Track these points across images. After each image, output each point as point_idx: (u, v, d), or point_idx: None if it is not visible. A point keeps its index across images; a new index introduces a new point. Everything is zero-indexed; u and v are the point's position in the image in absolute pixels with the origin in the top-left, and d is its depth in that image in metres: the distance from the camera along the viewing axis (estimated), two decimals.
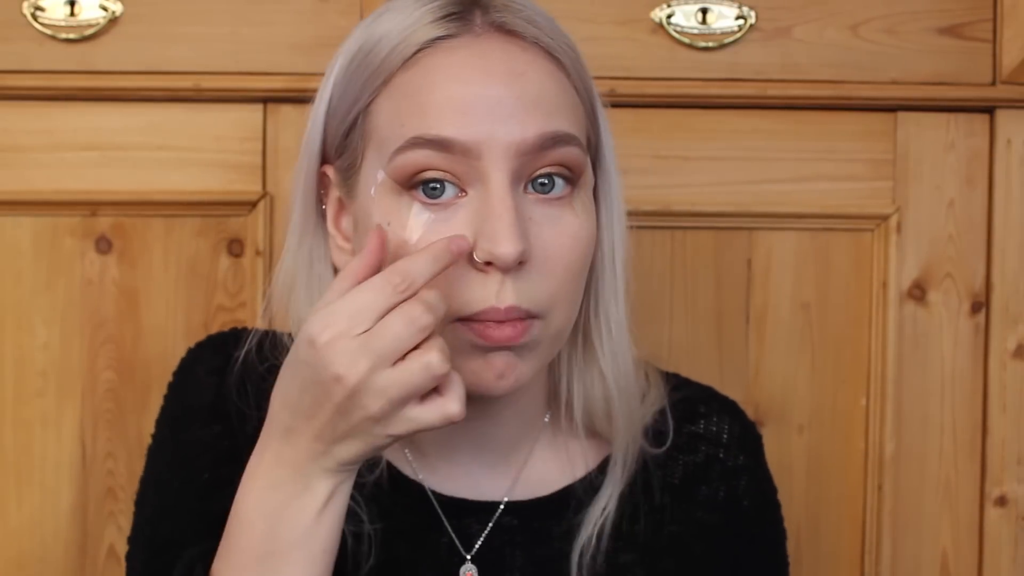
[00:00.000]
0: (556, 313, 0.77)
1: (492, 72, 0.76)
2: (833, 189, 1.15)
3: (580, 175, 0.78)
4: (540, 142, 0.75)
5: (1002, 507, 1.16)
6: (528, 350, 0.77)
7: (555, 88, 0.77)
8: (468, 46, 0.77)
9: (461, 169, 0.75)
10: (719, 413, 0.93)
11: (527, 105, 0.75)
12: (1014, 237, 1.15)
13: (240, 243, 1.12)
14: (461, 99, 0.75)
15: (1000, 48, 1.13)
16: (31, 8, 1.09)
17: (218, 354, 0.88)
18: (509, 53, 0.77)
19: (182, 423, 0.86)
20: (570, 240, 0.77)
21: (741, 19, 1.12)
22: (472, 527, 0.85)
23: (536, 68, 0.77)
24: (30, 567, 1.12)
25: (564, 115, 0.77)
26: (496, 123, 0.74)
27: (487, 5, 0.78)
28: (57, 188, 1.11)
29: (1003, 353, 1.15)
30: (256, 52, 1.11)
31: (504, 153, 0.74)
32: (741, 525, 0.91)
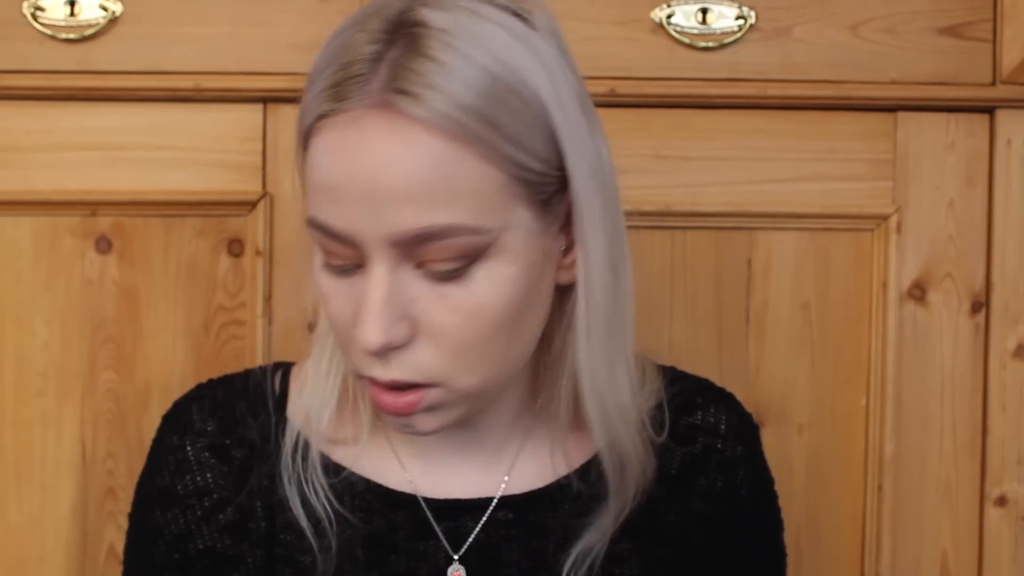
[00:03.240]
0: (457, 379, 0.76)
1: (365, 158, 0.71)
2: (833, 189, 1.15)
3: (481, 251, 0.73)
4: (413, 238, 0.72)
5: (1002, 507, 1.16)
6: (435, 410, 0.77)
7: (439, 175, 0.71)
8: (352, 124, 0.72)
9: (350, 252, 0.74)
10: (716, 404, 0.93)
11: (398, 197, 0.71)
12: (1014, 237, 1.15)
13: (240, 243, 1.12)
14: (335, 187, 0.73)
15: (1000, 48, 1.13)
16: (31, 8, 1.09)
17: (174, 432, 0.89)
18: (388, 137, 0.71)
19: (146, 502, 0.89)
20: (463, 317, 0.74)
21: (741, 19, 1.12)
22: (468, 525, 0.85)
23: (416, 155, 0.71)
24: (30, 567, 1.12)
25: (448, 203, 0.72)
26: (369, 214, 0.72)
27: (389, 69, 0.72)
28: (57, 188, 1.11)
29: (1003, 353, 1.15)
30: (256, 52, 1.11)
31: (379, 244, 0.72)
32: (739, 515, 0.91)
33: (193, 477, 0.87)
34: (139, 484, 0.91)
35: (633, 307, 0.84)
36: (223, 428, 0.88)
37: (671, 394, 0.91)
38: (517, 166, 0.74)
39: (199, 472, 0.87)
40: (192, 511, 0.86)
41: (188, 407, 0.89)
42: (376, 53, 0.72)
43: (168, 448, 0.88)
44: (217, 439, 0.87)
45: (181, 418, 0.89)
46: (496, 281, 0.75)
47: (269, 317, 1.12)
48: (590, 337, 0.80)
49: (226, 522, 0.86)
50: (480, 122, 0.72)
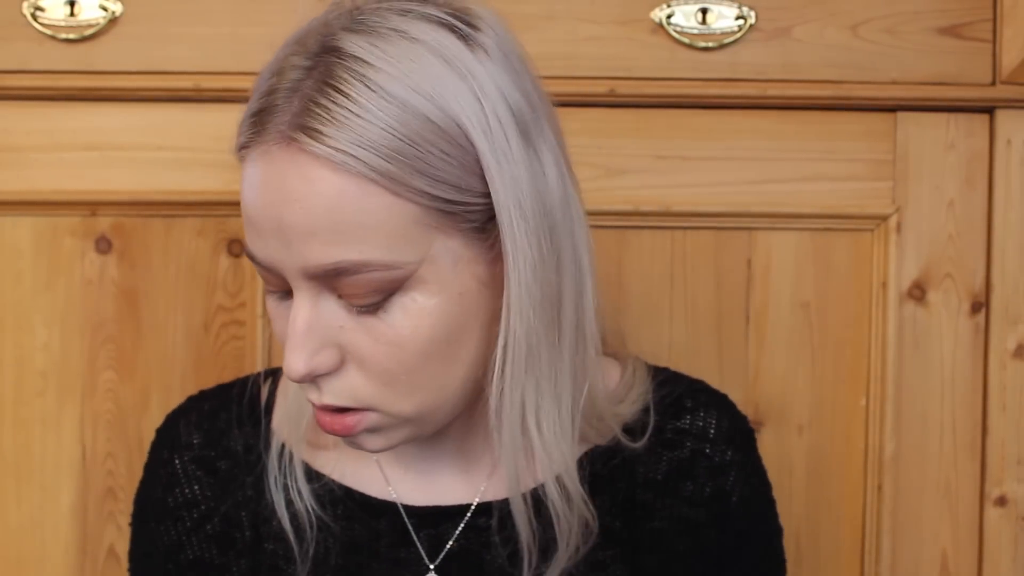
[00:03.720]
0: (393, 404, 0.75)
1: (273, 193, 0.71)
2: (833, 189, 1.15)
3: (396, 284, 0.72)
4: (323, 272, 0.71)
5: (1002, 507, 1.16)
6: (375, 432, 0.77)
7: (340, 212, 0.70)
8: (264, 156, 0.72)
9: (277, 279, 0.75)
10: (706, 407, 0.90)
11: (301, 234, 0.70)
12: (1014, 237, 1.15)
13: (240, 243, 1.12)
14: (252, 218, 0.73)
15: (1000, 48, 1.13)
16: (31, 8, 1.09)
17: (163, 447, 0.90)
18: (288, 173, 0.70)
19: (144, 514, 0.90)
20: (386, 347, 0.73)
21: (741, 19, 1.12)
22: (448, 532, 0.85)
23: (317, 191, 0.70)
24: (30, 567, 1.12)
25: (354, 240, 0.70)
26: (281, 247, 0.72)
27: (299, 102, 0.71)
28: (57, 188, 1.11)
29: (1003, 353, 1.15)
30: (256, 52, 1.10)
31: (296, 274, 0.72)
32: (729, 521, 0.89)
33: (182, 490, 0.88)
34: (137, 496, 0.92)
35: (591, 336, 0.80)
36: (208, 440, 0.89)
37: (659, 396, 0.90)
38: (432, 198, 0.71)
39: (187, 485, 0.88)
40: (182, 523, 0.88)
41: (177, 421, 0.91)
42: (295, 82, 0.71)
43: (159, 462, 0.90)
44: (202, 451, 0.88)
45: (170, 432, 0.90)
46: (416, 313, 0.73)
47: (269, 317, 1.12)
48: (503, 377, 0.76)
49: (213, 532, 0.87)
50: (387, 159, 0.70)
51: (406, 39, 0.72)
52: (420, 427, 0.78)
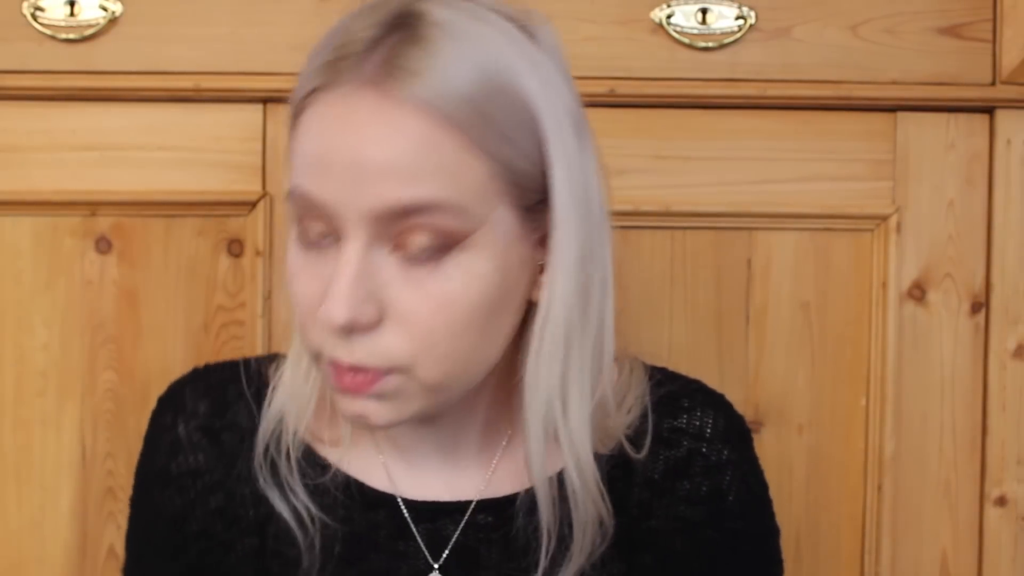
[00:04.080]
0: (421, 368, 0.75)
1: (352, 131, 0.72)
2: (833, 189, 1.15)
3: (460, 237, 0.74)
4: (394, 211, 0.72)
5: (1002, 507, 1.16)
6: (389, 399, 0.76)
7: (425, 152, 0.72)
8: (340, 99, 0.73)
9: (328, 224, 0.75)
10: (703, 407, 0.91)
11: (383, 170, 0.72)
12: (1014, 237, 1.15)
13: (240, 243, 1.12)
14: (320, 157, 0.73)
15: (1000, 48, 1.13)
16: (31, 8, 1.09)
17: (167, 412, 0.89)
18: (376, 112, 0.72)
19: (145, 486, 0.89)
20: (434, 305, 0.74)
21: (741, 19, 1.12)
22: (447, 528, 0.85)
23: (404, 131, 0.72)
24: (30, 567, 1.12)
25: (433, 181, 0.72)
26: (350, 187, 0.72)
27: (386, 51, 0.73)
28: (57, 188, 1.11)
29: (1003, 353, 1.15)
30: (256, 52, 1.11)
31: (357, 218, 0.73)
32: (726, 520, 0.89)
33: (186, 457, 0.87)
34: (138, 467, 0.91)
35: (609, 337, 0.82)
36: (214, 410, 0.88)
37: (656, 397, 0.90)
38: (502, 162, 0.74)
39: (191, 453, 0.87)
40: (186, 492, 0.87)
41: (182, 389, 0.90)
42: (374, 38, 0.74)
43: (162, 428, 0.88)
44: (208, 420, 0.88)
45: (174, 399, 0.89)
46: (471, 274, 0.74)
47: (269, 317, 1.12)
48: (540, 356, 0.78)
49: (216, 506, 0.87)
50: (468, 111, 0.73)
51: (481, 20, 0.75)
52: (433, 401, 0.78)
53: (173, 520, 0.87)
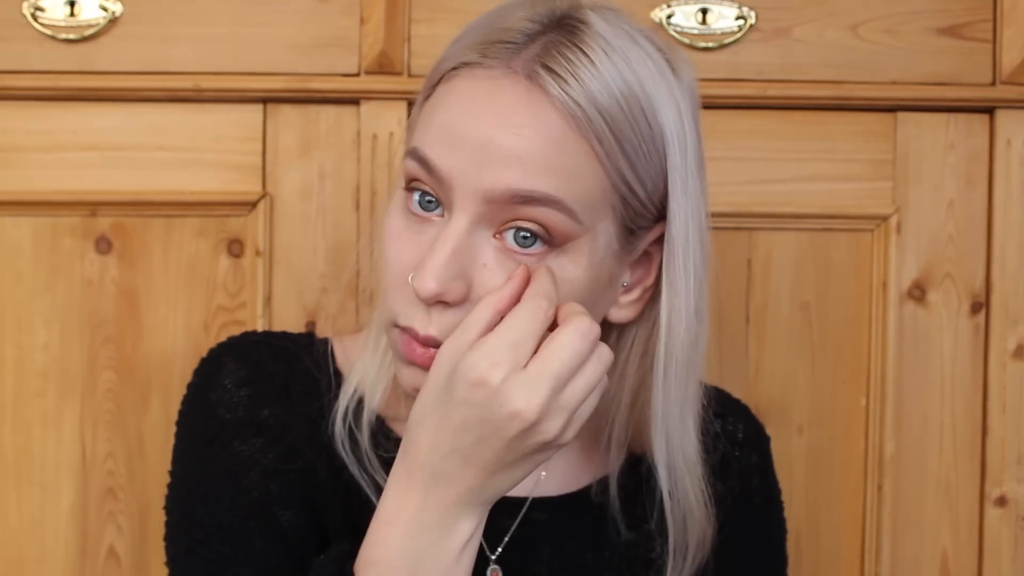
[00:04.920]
0: None
1: (492, 114, 0.74)
2: (833, 189, 1.15)
3: (564, 240, 0.75)
4: (511, 196, 0.73)
5: (1002, 507, 1.16)
6: None
7: (556, 150, 0.74)
8: (489, 79, 0.75)
9: (441, 193, 0.76)
10: (734, 413, 0.95)
11: (511, 157, 0.73)
12: (1014, 237, 1.15)
13: (240, 243, 1.12)
14: (453, 129, 0.75)
15: (1000, 48, 1.13)
16: (31, 8, 1.09)
17: (242, 364, 0.86)
18: (520, 101, 0.74)
19: (221, 438, 0.84)
20: None
21: (741, 19, 1.12)
22: (502, 523, 0.86)
23: (541, 125, 0.74)
24: (30, 567, 1.12)
25: (555, 177, 0.74)
26: (474, 164, 0.74)
27: (542, 47, 0.75)
28: (57, 188, 1.11)
29: (1003, 353, 1.15)
30: (256, 52, 1.11)
31: (472, 195, 0.74)
32: (750, 522, 0.93)
33: (273, 410, 0.84)
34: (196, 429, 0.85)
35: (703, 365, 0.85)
36: (292, 376, 0.86)
37: None
38: (620, 181, 0.76)
39: (276, 406, 0.84)
40: (278, 444, 0.83)
41: (255, 346, 0.87)
42: (534, 31, 0.76)
43: (238, 381, 0.85)
44: (287, 382, 0.85)
45: (249, 355, 0.87)
46: (561, 278, 0.76)
47: (269, 317, 1.12)
48: (666, 385, 0.81)
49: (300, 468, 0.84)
50: (605, 124, 0.75)
51: (636, 43, 0.78)
52: None
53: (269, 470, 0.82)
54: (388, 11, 1.10)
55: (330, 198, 1.12)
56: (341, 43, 1.11)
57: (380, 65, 1.10)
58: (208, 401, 0.85)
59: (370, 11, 1.10)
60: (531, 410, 0.69)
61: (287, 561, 0.81)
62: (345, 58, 1.11)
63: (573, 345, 0.70)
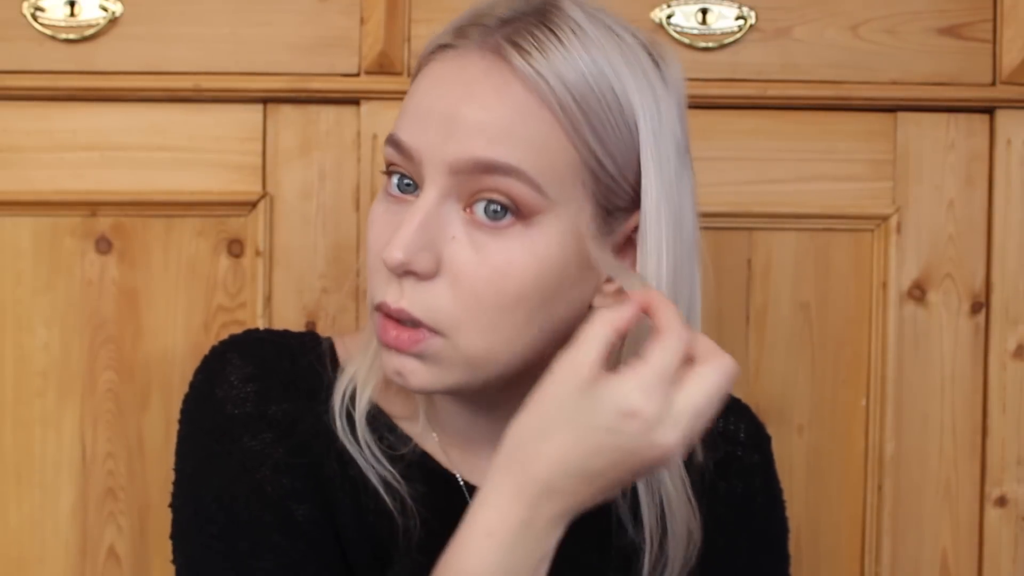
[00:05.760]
0: (463, 336, 0.76)
1: (457, 88, 0.76)
2: (833, 189, 1.15)
3: (531, 212, 0.75)
4: (474, 165, 0.75)
5: (1002, 507, 1.16)
6: (429, 361, 0.77)
7: (519, 121, 0.75)
8: (457, 58, 0.78)
9: (413, 170, 0.78)
10: (735, 413, 0.95)
11: (474, 127, 0.75)
12: (1014, 237, 1.15)
13: (240, 243, 1.12)
14: (421, 106, 0.77)
15: (1000, 48, 1.13)
16: (31, 8, 1.09)
17: (248, 360, 0.85)
18: (485, 75, 0.76)
19: (230, 434, 0.83)
20: (487, 271, 0.75)
21: (741, 19, 1.12)
22: None
23: (504, 96, 0.75)
24: (30, 567, 1.12)
25: (517, 148, 0.75)
26: (440, 136, 0.75)
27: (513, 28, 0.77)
28: (57, 188, 1.11)
29: (1003, 353, 1.15)
30: (256, 52, 1.11)
31: (439, 167, 0.75)
32: (752, 521, 0.93)
33: (280, 405, 0.84)
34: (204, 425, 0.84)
35: None
36: (297, 373, 0.86)
37: None
38: (592, 155, 0.77)
39: (284, 402, 0.84)
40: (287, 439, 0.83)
41: (260, 343, 0.87)
42: (510, 17, 0.78)
43: (244, 377, 0.84)
44: (293, 379, 0.85)
45: (254, 350, 0.86)
46: (531, 252, 0.76)
47: (269, 317, 1.12)
48: None
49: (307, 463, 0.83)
50: (569, 99, 0.76)
51: (614, 35, 0.79)
52: (471, 376, 0.78)
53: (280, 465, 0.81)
54: (388, 11, 1.10)
55: (330, 198, 1.12)
56: (341, 43, 1.11)
57: (380, 65, 1.11)
58: (215, 397, 0.84)
59: (370, 11, 1.10)
60: (676, 443, 0.70)
61: (308, 554, 0.81)
62: (345, 58, 1.11)
63: (719, 385, 0.71)
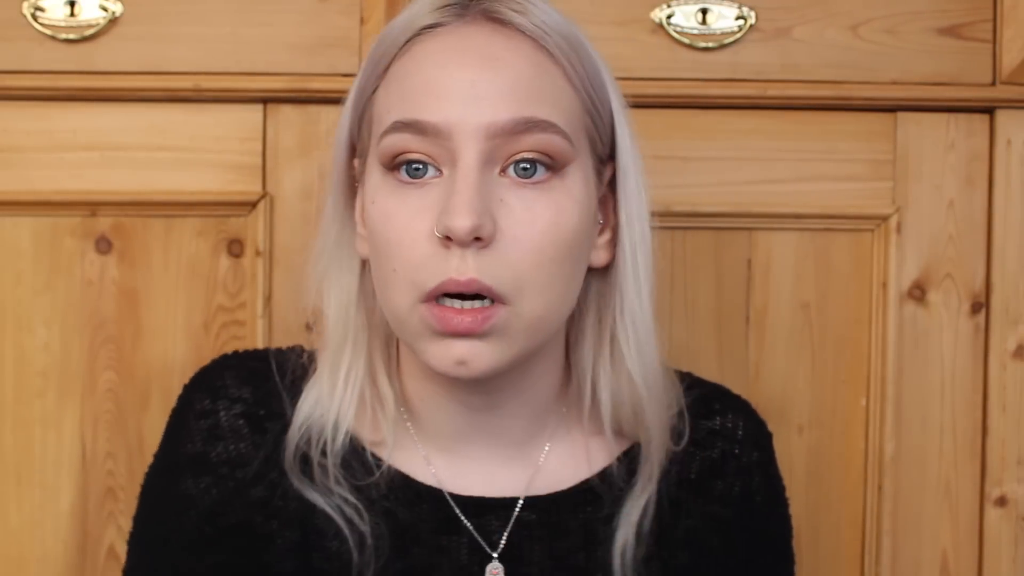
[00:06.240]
0: (526, 298, 0.77)
1: (469, 56, 0.77)
2: (833, 189, 1.15)
3: (564, 163, 0.79)
4: (512, 126, 0.76)
5: (1002, 507, 1.16)
6: (495, 337, 0.77)
7: (536, 75, 0.78)
8: (453, 32, 0.79)
9: (436, 151, 0.77)
10: (733, 410, 0.94)
11: (501, 89, 0.76)
12: (1014, 237, 1.15)
13: (240, 243, 1.12)
14: (436, 82, 0.77)
15: (1000, 48, 1.13)
16: (31, 8, 1.09)
17: (205, 395, 0.87)
18: (491, 39, 0.78)
19: (175, 471, 0.86)
20: (543, 224, 0.77)
21: (741, 19, 1.12)
22: (492, 524, 0.86)
23: (517, 55, 0.78)
24: (30, 567, 1.12)
25: (544, 102, 0.77)
26: (468, 105, 0.76)
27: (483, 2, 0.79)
28: (57, 188, 1.11)
29: (1003, 353, 1.15)
30: (256, 52, 1.11)
31: (474, 134, 0.76)
32: (753, 520, 0.92)
33: (227, 445, 0.85)
34: (161, 455, 0.88)
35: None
36: (258, 398, 0.86)
37: (690, 399, 0.91)
38: (592, 105, 0.81)
39: (232, 441, 0.85)
40: (224, 482, 0.84)
41: (220, 372, 0.88)
42: None
43: (199, 413, 0.86)
44: (251, 408, 0.86)
45: (213, 383, 0.87)
46: (572, 199, 0.79)
47: (269, 317, 1.12)
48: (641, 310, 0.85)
49: (257, 497, 0.84)
50: (566, 48, 0.80)
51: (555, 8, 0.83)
52: (529, 344, 0.79)
53: (208, 512, 0.84)
54: (388, 11, 1.10)
55: None
56: (341, 43, 1.11)
57: None
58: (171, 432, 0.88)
59: (370, 11, 1.10)
60: None
61: None
62: (345, 58, 1.11)
63: None
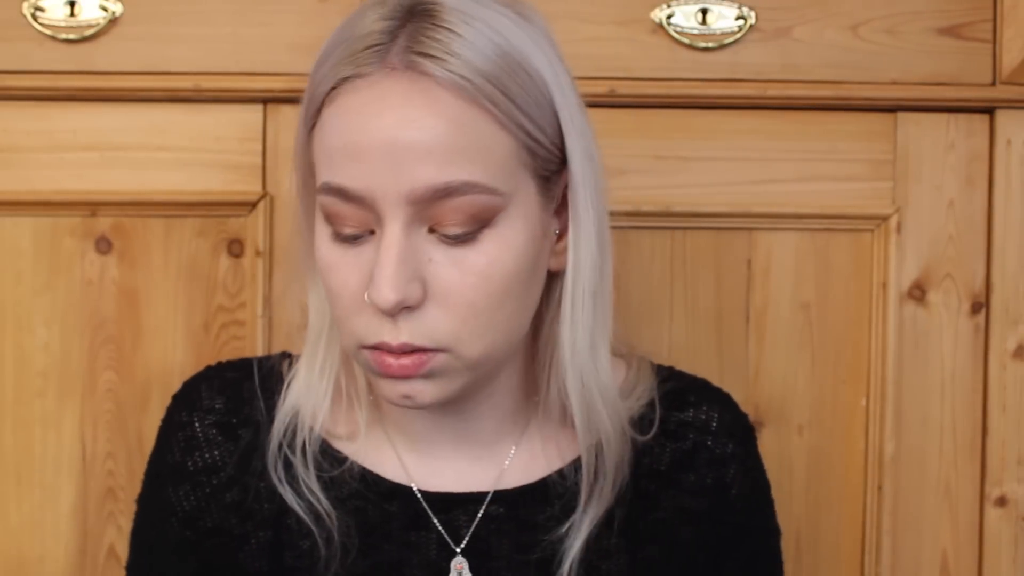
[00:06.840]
0: (465, 345, 0.77)
1: (388, 116, 0.74)
2: (833, 189, 1.15)
3: (492, 215, 0.76)
4: (431, 194, 0.74)
5: (1002, 507, 1.16)
6: (436, 378, 0.78)
7: (456, 133, 0.74)
8: (372, 86, 0.75)
9: (363, 215, 0.76)
10: (709, 402, 0.93)
11: (420, 153, 0.74)
12: (1014, 237, 1.15)
13: (240, 243, 1.12)
14: (354, 146, 0.75)
15: (1000, 48, 1.13)
16: (31, 8, 1.09)
17: (183, 408, 0.90)
18: (408, 96, 0.74)
19: (159, 480, 0.90)
20: (473, 279, 0.76)
21: (741, 19, 1.12)
22: (460, 519, 0.86)
23: (438, 110, 0.74)
24: (30, 567, 1.12)
25: (465, 161, 0.75)
26: (387, 171, 0.74)
27: (408, 37, 0.76)
28: (57, 188, 1.11)
29: (1003, 353, 1.15)
30: (256, 52, 1.11)
31: (396, 201, 0.74)
32: (729, 513, 0.91)
33: (202, 454, 0.88)
34: (150, 463, 0.91)
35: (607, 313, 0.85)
36: (230, 407, 0.89)
37: (663, 391, 0.91)
38: (526, 134, 0.77)
39: (207, 449, 0.88)
40: (201, 488, 0.88)
41: (197, 385, 0.91)
42: (392, 27, 0.76)
43: (177, 424, 0.89)
44: (224, 417, 0.89)
45: (190, 395, 0.90)
46: (506, 247, 0.77)
47: (269, 317, 1.12)
48: (574, 316, 0.82)
49: (232, 501, 0.87)
50: (493, 88, 0.75)
51: (484, 6, 0.78)
52: (474, 378, 0.80)
53: (188, 517, 0.88)
54: None
55: None
56: None
57: None
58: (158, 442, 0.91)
59: None
60: None
61: None
62: None
63: None
